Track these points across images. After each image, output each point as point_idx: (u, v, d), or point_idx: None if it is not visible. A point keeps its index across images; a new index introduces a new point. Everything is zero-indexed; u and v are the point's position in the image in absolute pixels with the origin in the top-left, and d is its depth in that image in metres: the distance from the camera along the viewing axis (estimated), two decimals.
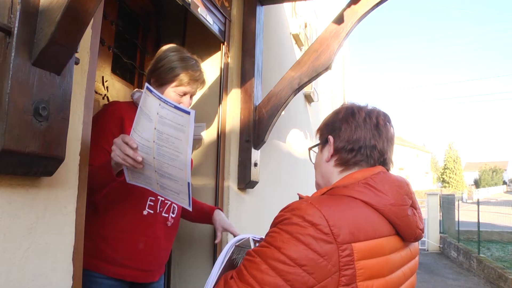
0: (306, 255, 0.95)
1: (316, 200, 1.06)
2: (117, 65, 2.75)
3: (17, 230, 1.06)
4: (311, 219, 0.98)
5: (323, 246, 0.96)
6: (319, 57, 2.70)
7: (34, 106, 1.01)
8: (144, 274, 1.75)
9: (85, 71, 1.31)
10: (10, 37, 0.98)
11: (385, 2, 2.59)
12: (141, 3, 2.96)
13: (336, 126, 1.25)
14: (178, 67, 1.76)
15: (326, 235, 0.97)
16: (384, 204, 1.08)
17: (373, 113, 1.25)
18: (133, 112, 1.78)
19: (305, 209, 1.01)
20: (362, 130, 1.21)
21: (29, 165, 1.04)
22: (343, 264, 0.96)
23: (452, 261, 11.27)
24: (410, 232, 1.13)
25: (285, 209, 1.07)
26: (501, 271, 7.88)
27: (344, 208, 1.05)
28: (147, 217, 1.73)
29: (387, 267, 1.06)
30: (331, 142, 1.24)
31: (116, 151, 1.40)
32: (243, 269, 1.03)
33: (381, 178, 1.13)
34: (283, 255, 0.97)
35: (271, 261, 0.98)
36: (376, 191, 1.09)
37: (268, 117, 2.79)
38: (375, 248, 1.03)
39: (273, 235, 1.03)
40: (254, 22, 2.92)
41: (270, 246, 1.01)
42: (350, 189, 1.11)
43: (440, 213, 13.46)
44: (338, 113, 1.29)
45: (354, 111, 1.25)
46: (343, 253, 0.97)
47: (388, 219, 1.09)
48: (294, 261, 0.95)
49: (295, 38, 4.79)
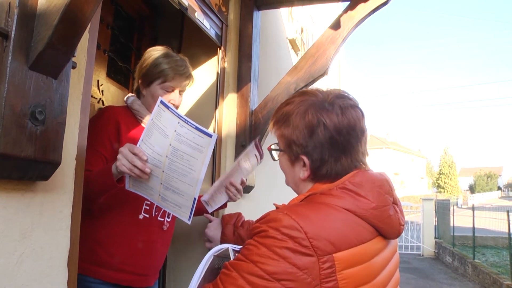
0: (284, 269, 0.92)
1: (293, 210, 1.01)
2: (112, 69, 2.74)
3: (11, 235, 1.05)
4: (288, 232, 0.94)
5: (301, 259, 0.92)
6: (316, 63, 2.70)
7: (30, 110, 1.00)
8: (140, 278, 1.74)
9: (82, 75, 1.31)
10: (7, 41, 0.97)
11: (382, 8, 2.61)
12: (136, 7, 2.96)
13: (308, 147, 1.12)
14: (162, 62, 1.78)
15: (305, 248, 0.93)
16: (365, 209, 1.03)
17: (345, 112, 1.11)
18: (128, 117, 1.79)
19: (281, 221, 0.97)
20: (339, 147, 1.10)
21: (24, 169, 1.03)
22: (324, 277, 0.93)
23: (447, 266, 11.29)
24: (393, 231, 1.10)
25: (260, 220, 1.03)
26: (496, 276, 7.90)
27: (323, 217, 1.00)
28: (143, 221, 1.73)
29: (372, 272, 1.03)
30: (307, 163, 1.13)
31: (123, 161, 1.40)
32: (220, 283, 0.99)
33: (360, 180, 1.07)
34: (260, 270, 0.93)
35: (248, 276, 0.94)
36: (356, 196, 1.04)
37: (265, 121, 2.79)
38: (358, 255, 0.99)
39: (249, 248, 0.99)
40: (251, 27, 2.92)
41: (247, 260, 0.97)
42: (327, 195, 1.06)
43: (435, 218, 13.49)
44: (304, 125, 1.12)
45: (323, 121, 1.10)
46: (323, 265, 0.93)
47: (370, 223, 1.04)
48: (272, 276, 0.92)
49: (292, 43, 4.80)
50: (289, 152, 1.16)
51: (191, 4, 2.27)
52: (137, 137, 1.75)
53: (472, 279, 9.24)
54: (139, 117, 1.82)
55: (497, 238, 12.68)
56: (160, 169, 1.45)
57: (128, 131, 1.74)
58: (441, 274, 10.22)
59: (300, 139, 1.12)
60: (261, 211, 3.37)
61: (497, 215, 12.84)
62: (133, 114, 1.82)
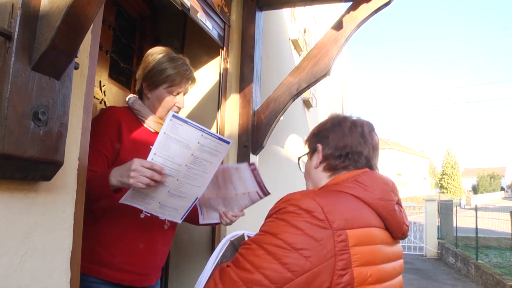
0: (303, 239, 0.99)
1: (310, 191, 1.13)
2: (114, 70, 2.75)
3: (14, 235, 1.05)
4: (306, 206, 1.03)
5: (318, 231, 1.00)
6: (318, 63, 2.70)
7: (33, 111, 1.01)
8: (142, 278, 1.74)
9: (84, 76, 1.31)
10: (10, 42, 0.98)
11: (384, 9, 2.61)
12: (138, 8, 2.97)
13: (324, 135, 1.31)
14: (168, 67, 1.79)
15: (321, 221, 1.01)
16: (373, 198, 1.14)
17: (358, 122, 1.31)
18: (130, 117, 1.79)
19: (300, 199, 1.06)
20: (349, 138, 1.26)
21: (27, 169, 1.04)
22: (339, 249, 1.00)
23: (450, 267, 11.25)
24: (398, 227, 1.18)
25: (279, 201, 1.11)
26: (499, 277, 7.87)
27: (337, 199, 1.11)
28: (144, 220, 1.73)
29: (379, 256, 1.10)
30: (319, 149, 1.29)
31: (139, 178, 1.40)
32: (239, 257, 1.05)
33: (368, 176, 1.19)
34: (279, 240, 1.00)
35: (268, 246, 1.01)
36: (364, 186, 1.15)
37: (267, 122, 2.79)
38: (367, 236, 1.07)
39: (268, 224, 1.07)
40: (253, 28, 2.93)
41: (266, 233, 1.05)
42: (340, 185, 1.17)
43: (438, 219, 13.44)
44: (325, 124, 1.35)
45: (340, 121, 1.32)
46: (338, 238, 1.00)
47: (377, 212, 1.14)
48: (291, 245, 0.98)
49: (294, 44, 4.80)
50: (311, 147, 1.35)
51: (193, 5, 2.27)
52: (138, 137, 1.76)
53: (475, 280, 9.21)
54: (140, 117, 1.82)
55: (500, 239, 12.64)
56: (174, 178, 1.49)
57: (130, 131, 1.75)
58: (444, 274, 10.18)
59: (320, 129, 1.34)
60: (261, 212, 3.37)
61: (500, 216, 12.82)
62: (134, 114, 1.83)
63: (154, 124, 1.84)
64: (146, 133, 1.82)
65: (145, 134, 1.81)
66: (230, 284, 1.02)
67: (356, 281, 1.01)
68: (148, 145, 1.78)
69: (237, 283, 1.01)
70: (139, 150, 1.74)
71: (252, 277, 0.99)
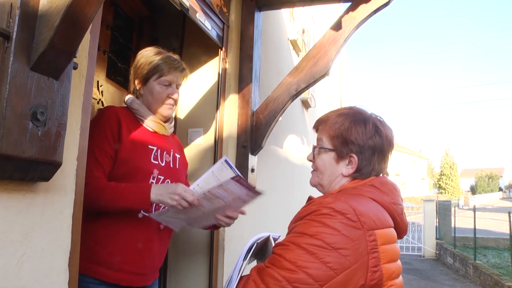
0: (340, 239, 1.05)
1: (339, 194, 1.19)
2: (111, 70, 2.75)
3: (13, 236, 1.05)
4: (340, 208, 1.09)
5: (353, 231, 1.07)
6: (317, 63, 2.70)
7: (32, 111, 1.00)
8: (139, 278, 1.74)
9: (83, 76, 1.31)
10: (9, 42, 0.97)
11: (384, 9, 2.61)
12: (136, 8, 2.96)
13: (364, 148, 1.30)
14: (156, 59, 1.85)
15: (354, 223, 1.08)
16: (388, 202, 1.23)
17: (388, 130, 1.35)
18: (129, 117, 1.80)
19: (333, 202, 1.12)
20: (383, 153, 1.33)
21: (26, 170, 1.03)
22: (371, 248, 1.07)
23: (448, 267, 11.26)
24: (404, 229, 1.29)
25: (309, 204, 1.17)
26: (497, 277, 7.88)
27: (364, 202, 1.17)
28: (142, 220, 1.73)
29: (396, 253, 1.19)
30: (355, 161, 1.30)
31: (181, 201, 1.59)
32: (278, 257, 1.09)
33: (382, 181, 1.28)
34: (319, 241, 1.05)
35: (308, 246, 1.05)
36: (380, 192, 1.24)
37: (266, 122, 2.79)
38: (389, 236, 1.17)
39: (303, 225, 1.12)
40: (252, 28, 2.92)
41: (303, 234, 1.09)
42: (359, 189, 1.24)
43: (437, 220, 13.46)
44: (365, 130, 1.31)
45: (380, 130, 1.32)
46: (369, 238, 1.08)
47: (390, 214, 1.23)
48: (331, 245, 1.04)
49: (293, 44, 4.80)
50: (341, 150, 1.32)
51: (192, 5, 2.27)
52: (137, 137, 1.76)
53: (474, 280, 9.22)
54: (138, 116, 1.82)
55: (499, 239, 12.66)
56: (201, 210, 1.69)
57: (129, 130, 1.74)
58: (442, 275, 10.19)
59: (359, 140, 1.30)
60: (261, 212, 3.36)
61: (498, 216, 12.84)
62: (133, 114, 1.83)
63: (152, 123, 1.84)
64: (145, 133, 1.82)
65: (143, 134, 1.81)
66: (275, 283, 1.06)
67: (385, 277, 1.10)
68: (146, 145, 1.78)
69: (281, 282, 1.04)
70: (138, 150, 1.74)
71: (297, 276, 1.03)
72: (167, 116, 1.89)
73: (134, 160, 1.72)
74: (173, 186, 1.63)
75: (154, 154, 1.79)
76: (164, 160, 1.84)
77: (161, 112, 1.86)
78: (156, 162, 1.79)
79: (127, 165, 1.71)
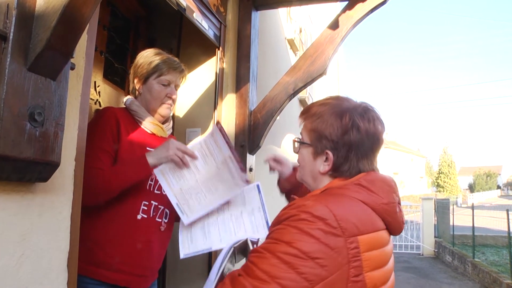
0: (318, 248, 0.98)
1: (320, 197, 1.11)
2: (108, 70, 2.75)
3: (11, 237, 1.05)
4: (320, 214, 1.01)
5: (332, 239, 0.99)
6: (314, 62, 2.71)
7: (29, 112, 1.00)
8: (138, 279, 1.74)
9: (80, 76, 1.31)
10: (6, 42, 0.97)
11: (380, 8, 2.61)
12: (132, 8, 2.96)
13: (338, 144, 1.19)
14: (155, 59, 1.87)
15: (334, 229, 1.00)
16: (378, 203, 1.13)
17: (371, 124, 1.21)
18: (127, 118, 1.80)
19: (312, 205, 1.04)
20: (364, 150, 1.20)
21: (24, 170, 1.03)
22: (352, 256, 1.00)
23: (447, 265, 11.28)
24: (398, 226, 1.19)
25: (289, 207, 1.09)
26: (496, 275, 7.90)
27: (347, 205, 1.09)
28: (141, 221, 1.72)
29: (385, 258, 1.12)
30: (330, 158, 1.20)
31: (177, 152, 1.66)
32: (252, 266, 1.02)
33: (372, 178, 1.17)
34: (295, 249, 0.98)
35: (282, 255, 0.98)
36: (369, 191, 1.14)
37: (263, 122, 2.79)
38: (375, 241, 1.08)
39: (280, 231, 1.04)
40: (249, 27, 2.92)
41: (279, 241, 1.02)
42: (344, 189, 1.15)
43: (435, 218, 13.46)
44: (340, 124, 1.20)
45: (357, 125, 1.19)
46: (351, 245, 1.00)
47: (381, 216, 1.14)
48: (307, 255, 0.97)
49: (290, 43, 4.81)
50: (317, 145, 1.24)
51: (189, 5, 2.27)
52: (136, 138, 1.76)
53: (472, 278, 9.23)
54: (137, 117, 1.83)
55: (497, 237, 12.67)
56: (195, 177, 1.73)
57: (127, 132, 1.75)
58: (441, 273, 10.21)
59: (333, 136, 1.20)
60: None
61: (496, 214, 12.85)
62: (132, 115, 1.83)
63: (151, 125, 1.84)
64: (143, 134, 1.82)
65: (142, 135, 1.81)
66: None
67: (368, 286, 1.02)
68: (144, 146, 1.78)
69: None
70: (135, 151, 1.74)
71: (268, 287, 0.96)
72: (165, 115, 1.89)
73: None
74: (165, 144, 1.69)
75: None
76: None
77: (159, 111, 1.87)
78: None
79: None
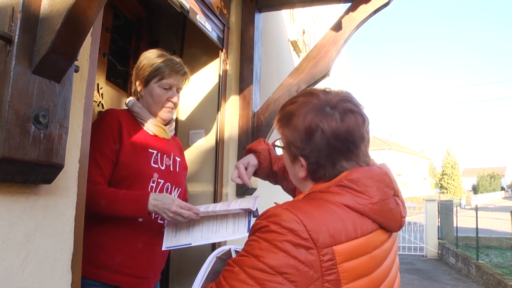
0: (286, 262, 0.92)
1: (292, 205, 1.02)
2: (111, 72, 2.76)
3: (15, 238, 1.05)
4: (288, 225, 0.94)
5: (302, 252, 0.92)
6: (317, 64, 2.71)
7: (34, 114, 1.01)
8: (140, 281, 1.74)
9: (84, 78, 1.32)
10: (11, 45, 0.98)
11: (384, 9, 2.61)
12: (134, 10, 2.97)
13: (305, 150, 1.11)
14: (158, 62, 1.84)
15: (305, 241, 0.93)
16: (364, 204, 1.03)
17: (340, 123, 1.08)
18: (129, 120, 1.80)
19: (281, 215, 0.97)
20: (337, 152, 1.09)
21: (28, 172, 1.04)
22: (326, 269, 0.93)
23: (451, 267, 11.24)
24: (395, 224, 1.09)
25: (261, 216, 1.03)
26: (500, 277, 7.86)
27: (322, 212, 0.99)
28: (143, 223, 1.73)
29: (372, 264, 1.03)
30: (304, 165, 1.12)
31: (177, 218, 1.64)
32: (222, 280, 0.99)
33: (357, 176, 1.06)
34: (262, 264, 0.93)
35: (250, 270, 0.94)
36: (353, 192, 1.04)
37: (267, 123, 2.79)
38: (359, 248, 0.99)
39: (251, 244, 0.99)
40: (252, 29, 2.93)
41: (248, 255, 0.97)
42: (326, 193, 1.06)
43: (439, 219, 13.43)
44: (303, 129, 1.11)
45: (321, 128, 1.08)
46: (324, 258, 0.93)
47: (370, 218, 1.04)
48: (274, 269, 0.91)
49: (293, 45, 4.81)
50: (289, 151, 1.16)
51: (192, 7, 2.28)
52: (138, 140, 1.76)
53: (476, 280, 9.20)
54: (139, 119, 1.83)
55: (501, 238, 12.62)
56: None
57: (129, 133, 1.75)
58: (444, 275, 10.18)
59: (298, 142, 1.11)
60: None
61: (500, 216, 12.82)
62: (134, 117, 1.83)
63: (153, 127, 1.84)
64: (145, 136, 1.82)
65: (144, 137, 1.81)
66: None
67: None
68: (146, 148, 1.78)
69: None
70: (138, 153, 1.74)
71: None
72: (166, 119, 1.89)
73: (134, 164, 1.72)
74: (169, 201, 1.63)
75: (154, 157, 1.79)
76: (164, 164, 1.84)
77: (160, 115, 1.86)
78: (156, 166, 1.79)
79: (127, 168, 1.71)
